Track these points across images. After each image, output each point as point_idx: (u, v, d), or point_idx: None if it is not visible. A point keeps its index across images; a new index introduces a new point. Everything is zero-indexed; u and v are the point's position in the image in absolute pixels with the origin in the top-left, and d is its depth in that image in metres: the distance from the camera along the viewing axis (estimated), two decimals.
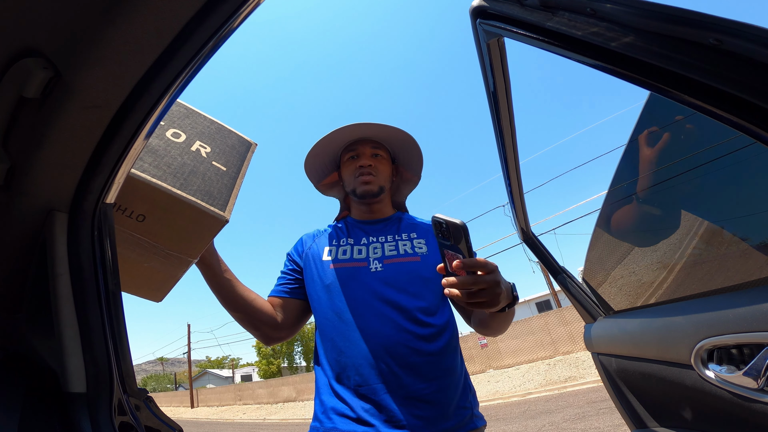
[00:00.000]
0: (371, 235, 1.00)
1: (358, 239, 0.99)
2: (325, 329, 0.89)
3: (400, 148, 1.07)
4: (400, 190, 1.16)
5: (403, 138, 1.04)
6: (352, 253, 0.95)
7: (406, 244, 0.96)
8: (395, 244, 0.96)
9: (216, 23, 0.35)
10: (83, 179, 0.47)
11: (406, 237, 0.98)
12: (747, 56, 0.34)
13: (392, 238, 0.98)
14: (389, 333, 0.82)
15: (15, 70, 0.36)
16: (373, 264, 0.92)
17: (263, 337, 0.97)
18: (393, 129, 1.01)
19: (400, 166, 1.12)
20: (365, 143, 1.04)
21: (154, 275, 0.78)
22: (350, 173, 1.03)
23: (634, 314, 0.96)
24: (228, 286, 0.92)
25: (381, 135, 1.04)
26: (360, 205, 1.05)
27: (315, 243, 1.03)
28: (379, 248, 0.95)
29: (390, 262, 0.92)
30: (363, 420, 0.77)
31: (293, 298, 0.99)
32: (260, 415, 16.21)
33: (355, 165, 1.02)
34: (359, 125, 1.00)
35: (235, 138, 0.93)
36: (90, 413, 0.47)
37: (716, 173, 0.76)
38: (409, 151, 1.07)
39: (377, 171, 1.01)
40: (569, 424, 4.79)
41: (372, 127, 1.01)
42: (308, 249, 1.02)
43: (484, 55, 0.73)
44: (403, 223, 1.04)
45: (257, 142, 0.96)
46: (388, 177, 1.05)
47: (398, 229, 1.01)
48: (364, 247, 0.96)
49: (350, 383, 0.81)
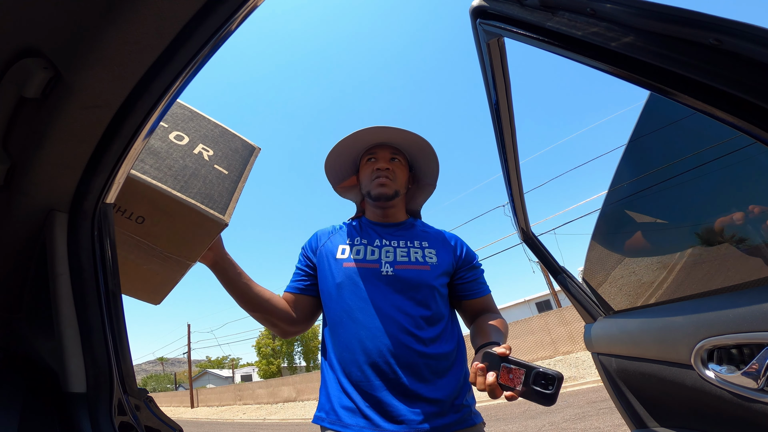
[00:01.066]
0: (384, 237, 1.02)
1: (372, 240, 1.02)
2: (334, 325, 0.93)
3: (419, 155, 1.09)
4: (415, 198, 1.18)
5: (422, 146, 1.06)
6: (366, 253, 0.98)
7: (417, 252, 0.99)
8: (407, 251, 0.99)
9: (216, 23, 0.35)
10: (83, 179, 0.47)
11: (418, 245, 1.01)
12: (747, 56, 0.34)
13: (404, 245, 1.00)
14: (394, 335, 0.86)
15: (15, 70, 0.36)
16: (384, 267, 0.95)
17: (281, 332, 1.03)
18: (413, 135, 1.03)
19: (417, 173, 1.14)
20: (385, 148, 1.06)
21: (152, 278, 0.78)
22: (367, 175, 1.05)
23: (634, 314, 0.96)
24: (245, 289, 0.96)
25: (401, 141, 1.06)
26: (374, 207, 1.07)
27: (330, 240, 1.06)
28: (391, 252, 0.98)
29: (401, 268, 0.94)
30: (365, 414, 0.81)
31: (306, 295, 1.03)
32: (260, 415, 16.21)
33: (372, 167, 1.04)
34: (381, 128, 1.02)
35: (238, 142, 0.93)
36: (90, 413, 0.47)
37: (716, 173, 0.76)
38: (426, 158, 1.09)
39: (394, 175, 1.04)
40: (569, 424, 4.79)
41: (393, 132, 1.03)
42: (322, 246, 1.05)
43: (484, 55, 0.73)
44: (416, 230, 1.06)
45: (260, 146, 0.96)
46: (404, 182, 1.07)
47: (411, 236, 1.04)
48: (377, 249, 0.99)
49: (354, 379, 0.85)
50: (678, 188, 0.87)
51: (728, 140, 0.69)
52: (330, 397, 0.87)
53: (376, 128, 1.02)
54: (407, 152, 1.10)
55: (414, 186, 1.16)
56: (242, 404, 21.50)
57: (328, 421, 0.84)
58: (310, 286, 1.03)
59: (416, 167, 1.13)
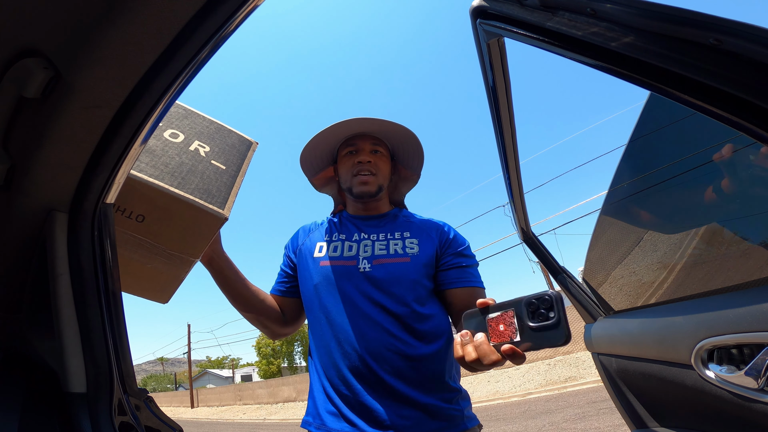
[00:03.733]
0: (363, 231, 0.97)
1: (350, 235, 0.96)
2: (314, 328, 0.90)
3: (400, 144, 1.03)
4: (398, 188, 1.11)
5: (404, 134, 0.99)
6: (343, 250, 0.93)
7: (397, 243, 0.92)
8: (386, 243, 0.92)
9: (216, 23, 0.35)
10: (83, 179, 0.47)
11: (399, 236, 0.94)
12: (747, 56, 0.34)
13: (384, 237, 0.94)
14: (374, 336, 0.81)
15: (15, 70, 0.36)
16: (362, 263, 0.89)
17: (270, 334, 1.01)
18: (395, 125, 0.97)
19: (399, 163, 1.08)
20: (365, 138, 0.99)
21: (157, 276, 0.78)
22: (348, 169, 0.98)
23: (634, 314, 0.96)
24: (240, 289, 0.94)
25: (382, 131, 1.00)
26: (356, 202, 1.01)
27: (309, 238, 1.01)
28: (369, 246, 0.92)
29: (379, 262, 0.89)
30: (348, 419, 0.78)
31: (290, 297, 1.00)
32: (260, 415, 16.20)
33: (353, 161, 0.97)
34: (360, 120, 0.95)
35: (235, 137, 0.93)
36: (90, 413, 0.47)
37: (716, 173, 0.76)
38: (409, 148, 1.03)
39: (377, 168, 0.97)
40: (569, 424, 4.79)
41: (374, 122, 0.96)
42: (302, 244, 1.01)
43: (484, 55, 0.73)
44: (398, 221, 1.00)
45: (258, 141, 0.96)
46: (387, 175, 1.01)
47: (392, 228, 0.97)
48: (355, 244, 0.94)
49: (337, 383, 0.82)
50: (678, 188, 0.87)
51: (728, 140, 0.69)
52: (315, 402, 0.84)
53: (355, 120, 0.95)
54: (388, 141, 1.03)
55: (396, 176, 1.08)
56: (242, 404, 21.49)
57: (314, 425, 0.82)
58: (291, 288, 1.00)
59: (398, 156, 1.06)
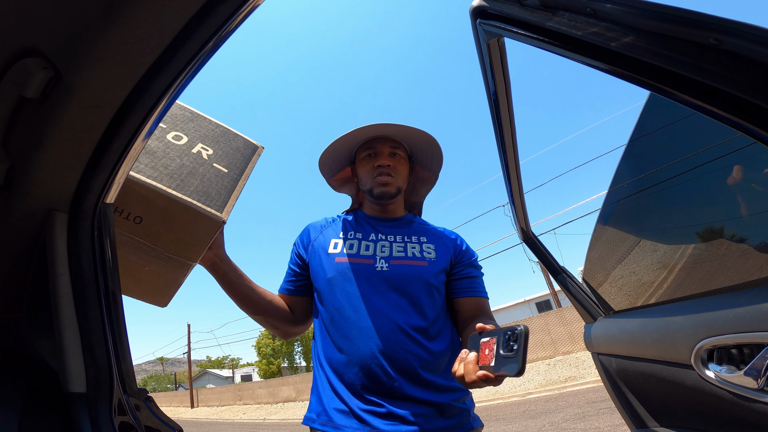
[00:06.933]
0: (380, 232, 0.98)
1: (367, 235, 0.97)
2: (325, 323, 0.89)
3: (419, 147, 1.04)
4: (416, 190, 1.12)
5: (423, 138, 1.01)
6: (360, 248, 0.93)
7: (415, 247, 0.94)
8: (404, 246, 0.94)
9: (216, 23, 0.35)
10: (83, 179, 0.47)
11: (416, 240, 0.96)
12: (747, 56, 0.34)
13: (401, 239, 0.96)
14: (387, 334, 0.82)
15: (15, 70, 0.36)
16: (379, 263, 0.90)
17: (282, 334, 1.01)
18: (414, 130, 0.98)
19: (416, 164, 1.08)
20: (384, 141, 1.00)
21: (156, 279, 0.77)
22: (367, 172, 1.00)
23: (634, 314, 0.96)
24: (246, 292, 0.93)
25: (401, 134, 1.01)
26: (373, 203, 1.02)
27: (321, 234, 1.01)
28: (387, 247, 0.93)
29: (396, 263, 0.90)
30: (359, 416, 0.77)
31: (299, 296, 1.00)
32: (260, 415, 16.20)
33: (372, 164, 0.99)
34: (381, 125, 0.97)
35: (240, 141, 0.92)
36: (90, 413, 0.47)
37: (716, 173, 0.76)
38: (428, 150, 1.04)
39: (396, 171, 0.99)
40: (569, 424, 4.78)
41: (392, 127, 0.98)
42: (314, 240, 1.00)
43: (484, 55, 0.73)
44: (414, 226, 1.02)
45: (263, 145, 0.95)
46: (405, 177, 1.02)
47: (409, 231, 0.99)
48: (372, 243, 0.94)
49: (347, 381, 0.81)
50: (678, 188, 0.87)
51: (728, 140, 0.69)
52: (321, 400, 0.83)
53: (377, 125, 0.97)
54: (406, 144, 1.04)
55: (413, 177, 1.09)
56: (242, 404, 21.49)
57: (319, 422, 0.81)
58: (301, 287, 0.99)
59: (416, 158, 1.07)
